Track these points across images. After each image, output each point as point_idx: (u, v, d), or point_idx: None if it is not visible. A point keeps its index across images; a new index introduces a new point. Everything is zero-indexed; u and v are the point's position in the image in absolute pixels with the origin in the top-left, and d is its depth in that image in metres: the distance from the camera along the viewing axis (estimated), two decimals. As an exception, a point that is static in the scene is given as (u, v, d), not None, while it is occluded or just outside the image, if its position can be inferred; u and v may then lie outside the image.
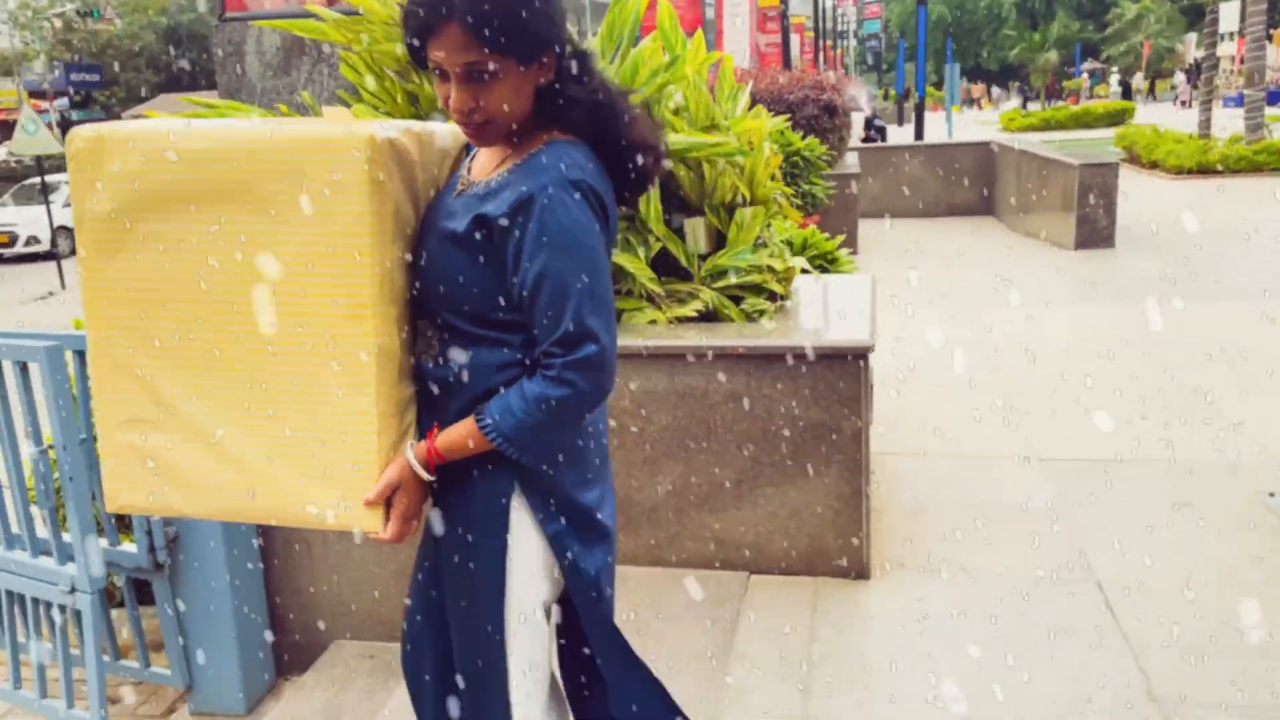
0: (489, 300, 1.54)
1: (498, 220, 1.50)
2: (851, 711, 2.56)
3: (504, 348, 1.56)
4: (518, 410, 1.50)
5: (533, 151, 1.56)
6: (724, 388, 3.18)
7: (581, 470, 1.66)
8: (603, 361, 1.51)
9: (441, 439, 1.56)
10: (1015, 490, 3.92)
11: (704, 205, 3.57)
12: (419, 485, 1.58)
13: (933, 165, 12.95)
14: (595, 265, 1.51)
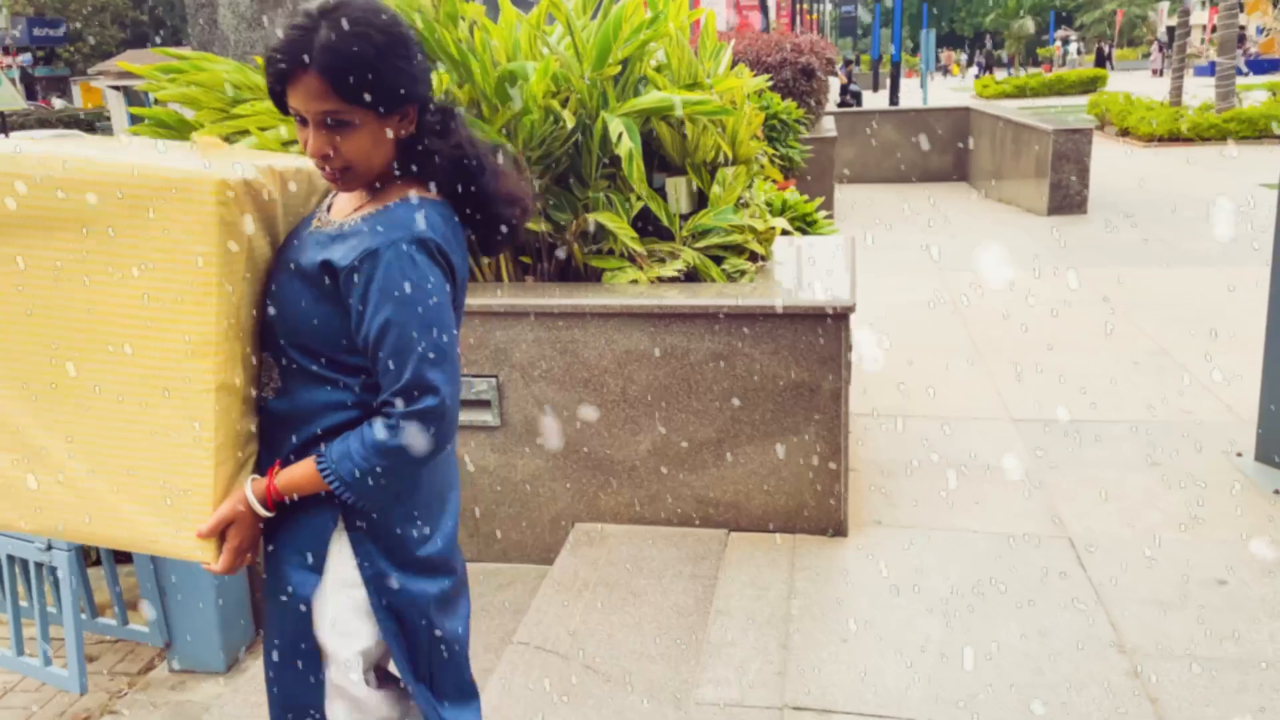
0: (331, 340, 1.56)
1: (343, 269, 1.52)
2: (829, 664, 2.61)
3: (344, 389, 1.58)
4: (356, 456, 1.52)
5: (389, 204, 1.58)
6: (705, 347, 3.19)
7: (410, 506, 1.67)
8: (443, 414, 1.52)
9: (281, 478, 1.58)
10: (990, 449, 3.98)
11: (686, 164, 3.56)
12: (254, 521, 1.60)
13: (908, 130, 12.96)
14: (438, 320, 1.52)
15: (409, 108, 1.57)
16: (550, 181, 3.41)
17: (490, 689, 2.54)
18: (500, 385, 3.32)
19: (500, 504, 3.44)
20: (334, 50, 1.46)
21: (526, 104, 3.15)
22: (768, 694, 2.49)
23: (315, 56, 1.46)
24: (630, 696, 2.51)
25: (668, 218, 3.47)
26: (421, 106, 1.59)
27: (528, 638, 2.76)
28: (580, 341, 3.25)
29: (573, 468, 3.36)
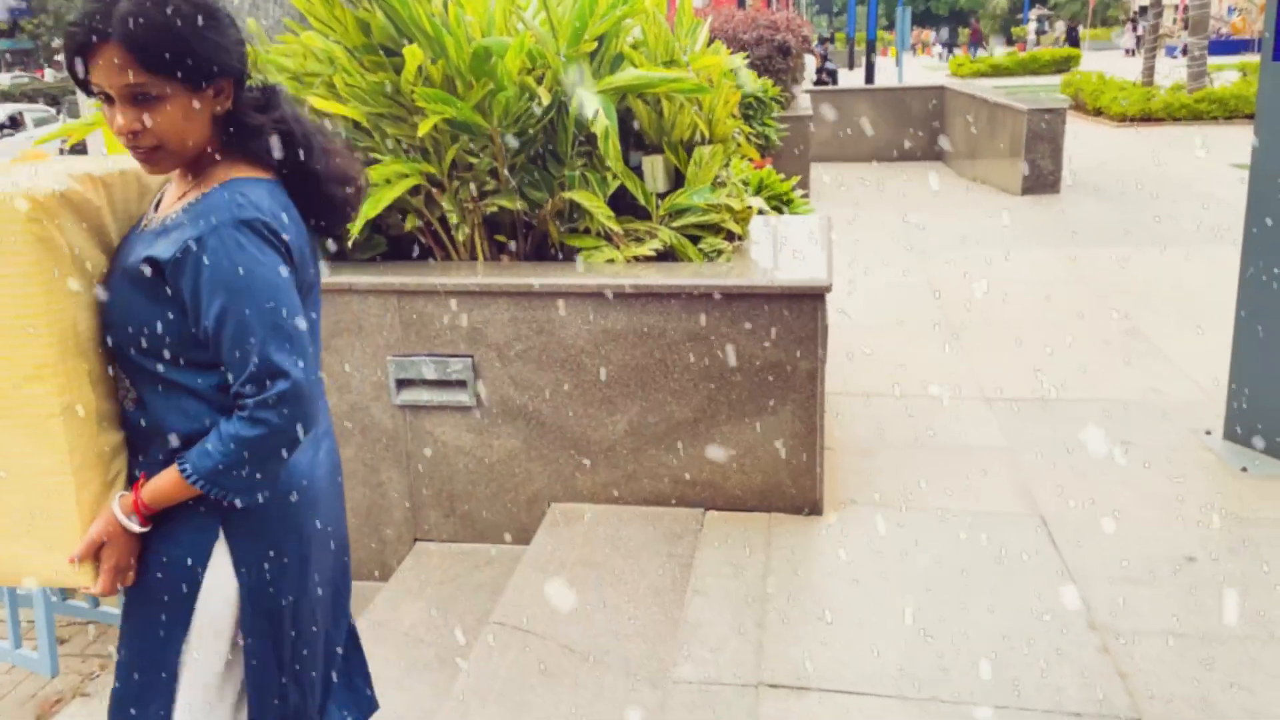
0: (173, 340, 1.52)
1: (167, 263, 1.47)
2: (804, 642, 2.63)
3: (195, 391, 1.55)
4: (216, 453, 1.49)
5: (209, 190, 1.53)
6: (681, 327, 3.18)
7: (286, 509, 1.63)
8: (298, 396, 1.49)
9: (147, 490, 1.55)
10: (963, 429, 4.01)
11: (662, 143, 3.53)
12: (128, 537, 1.56)
13: (884, 109, 12.97)
14: (278, 301, 1.48)
15: (223, 82, 1.52)
16: (526, 159, 3.38)
17: (467, 669, 2.54)
18: (476, 365, 3.30)
19: (476, 484, 3.43)
20: (135, 19, 1.40)
21: (501, 80, 3.11)
22: (744, 672, 2.51)
23: (116, 26, 1.40)
24: (607, 675, 2.52)
25: (644, 197, 3.45)
26: (238, 81, 1.55)
27: (504, 617, 2.76)
28: (557, 321, 3.23)
29: (549, 448, 3.36)
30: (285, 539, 1.63)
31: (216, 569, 1.59)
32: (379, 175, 3.18)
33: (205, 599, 1.59)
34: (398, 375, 3.33)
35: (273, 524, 1.61)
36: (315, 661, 1.76)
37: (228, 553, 1.59)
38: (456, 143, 3.25)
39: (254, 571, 1.60)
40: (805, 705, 2.38)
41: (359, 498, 3.50)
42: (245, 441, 1.48)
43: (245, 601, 1.61)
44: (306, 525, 1.66)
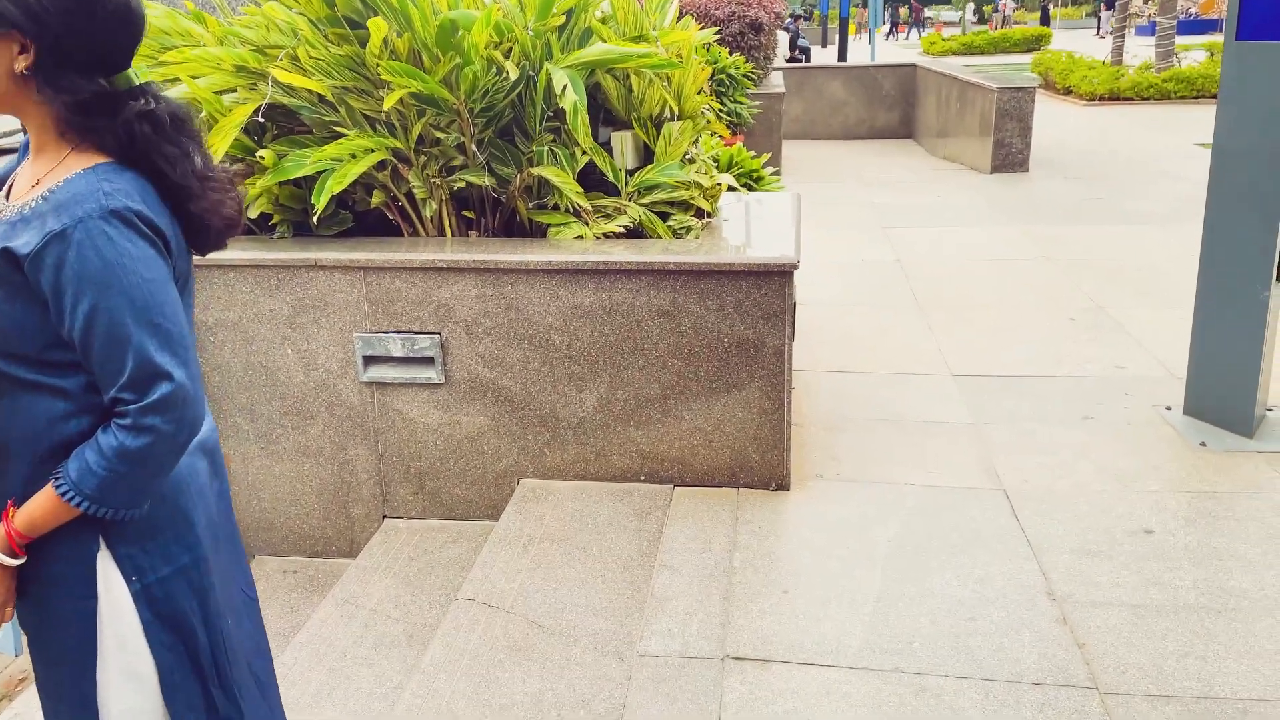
0: (33, 339, 1.37)
1: (26, 257, 1.32)
2: (770, 615, 2.66)
3: (62, 396, 1.41)
4: (98, 469, 1.36)
5: (69, 176, 1.37)
6: (650, 304, 3.19)
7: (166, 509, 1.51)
8: (183, 399, 1.37)
9: (20, 518, 1.41)
10: (929, 405, 4.05)
11: (631, 119, 3.52)
12: (2, 572, 1.43)
13: (856, 87, 12.97)
14: (156, 298, 1.36)
15: (11, 34, 1.32)
16: (494, 134, 3.35)
17: (434, 644, 2.55)
18: (444, 342, 3.29)
19: (445, 461, 3.42)
20: None
21: (468, 54, 3.09)
22: (709, 645, 2.53)
23: None
24: (574, 649, 2.53)
25: (613, 173, 3.44)
26: (45, 46, 1.34)
27: (472, 593, 2.77)
28: (525, 298, 3.22)
29: (518, 424, 3.36)
30: (173, 540, 1.50)
31: (106, 585, 1.46)
32: (343, 150, 3.15)
33: (104, 619, 1.47)
34: (364, 352, 3.31)
35: (157, 527, 1.49)
36: (239, 665, 1.66)
37: (114, 564, 1.46)
38: (423, 117, 3.22)
39: (146, 580, 1.48)
40: (770, 677, 2.41)
41: (326, 475, 3.49)
42: (130, 454, 1.35)
43: (144, 612, 1.48)
44: (195, 523, 1.54)
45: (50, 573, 1.46)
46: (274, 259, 3.26)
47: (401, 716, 2.28)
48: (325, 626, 2.89)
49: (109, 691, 1.50)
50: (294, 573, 3.50)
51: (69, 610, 1.47)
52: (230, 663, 1.62)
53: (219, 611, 1.60)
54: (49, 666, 1.54)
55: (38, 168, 1.43)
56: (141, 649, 1.50)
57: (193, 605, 1.54)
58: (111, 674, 1.50)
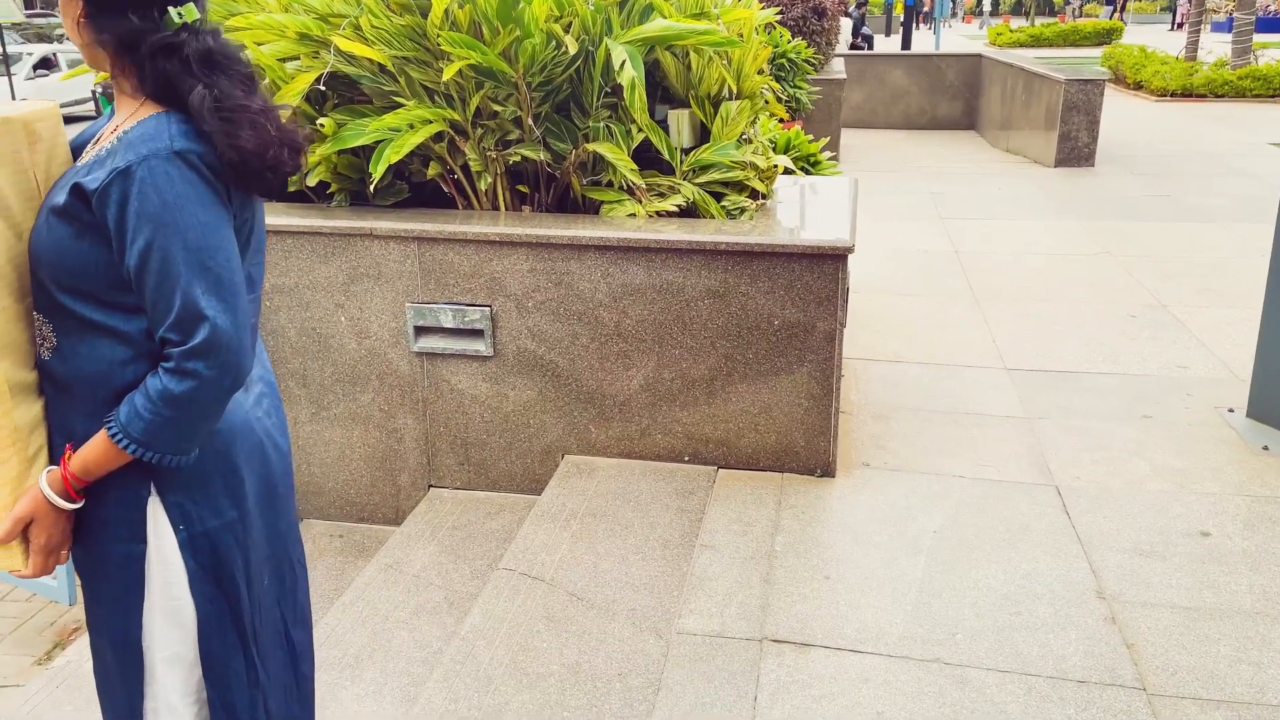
0: (99, 277, 1.40)
1: (94, 192, 1.36)
2: (810, 600, 2.63)
3: (124, 340, 1.43)
4: (145, 412, 1.38)
5: (141, 119, 1.41)
6: (701, 284, 3.17)
7: (219, 462, 1.53)
8: (225, 344, 1.38)
9: (75, 462, 1.44)
10: (982, 397, 3.98)
11: (689, 97, 3.49)
12: (57, 515, 1.46)
13: (919, 77, 12.76)
14: (210, 241, 1.37)
15: None
16: (550, 109, 3.35)
17: (474, 612, 2.57)
18: (494, 315, 3.30)
19: (491, 433, 3.44)
20: None
21: (528, 27, 3.08)
22: (748, 626, 2.52)
23: None
24: (612, 624, 2.54)
25: (669, 151, 3.42)
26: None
27: (513, 564, 2.79)
28: (576, 274, 3.22)
29: (564, 400, 3.36)
30: (222, 494, 1.53)
31: (155, 531, 1.49)
32: (401, 120, 3.17)
33: (152, 565, 1.50)
34: (416, 322, 3.34)
35: (207, 478, 1.51)
36: (267, 630, 1.67)
37: (164, 511, 1.49)
38: (481, 90, 3.23)
39: (194, 530, 1.51)
40: (808, 661, 2.39)
41: (375, 443, 3.53)
42: (173, 397, 1.37)
43: (189, 562, 1.51)
44: (245, 479, 1.56)
45: (103, 516, 1.49)
46: (330, 227, 3.29)
47: (440, 681, 2.31)
48: (369, 590, 2.93)
49: (153, 635, 1.53)
50: (340, 537, 3.55)
51: (119, 553, 1.50)
52: (261, 626, 1.64)
53: (260, 571, 1.62)
54: (98, 606, 1.57)
55: (118, 118, 1.48)
56: (185, 597, 1.53)
57: (237, 562, 1.56)
58: (156, 618, 1.53)
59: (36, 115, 1.52)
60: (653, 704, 2.25)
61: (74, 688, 2.94)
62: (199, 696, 1.58)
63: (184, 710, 1.56)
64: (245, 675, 1.60)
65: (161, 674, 1.54)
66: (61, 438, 1.50)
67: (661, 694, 2.28)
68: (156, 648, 1.54)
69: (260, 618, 1.63)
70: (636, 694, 2.28)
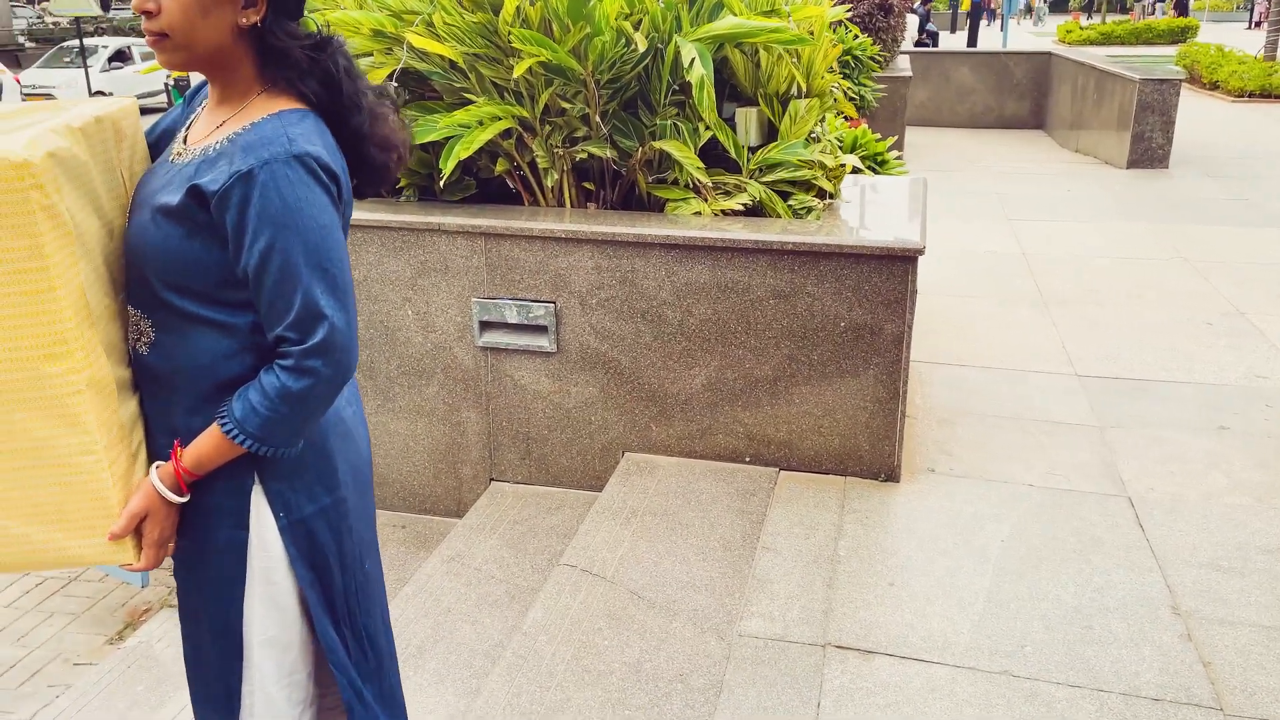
0: (208, 275, 1.43)
1: (214, 194, 1.38)
2: (874, 606, 2.60)
3: (230, 333, 1.46)
4: (262, 409, 1.41)
5: (256, 120, 1.44)
6: (766, 283, 3.14)
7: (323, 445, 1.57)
8: (342, 343, 1.42)
9: (188, 457, 1.46)
10: (1050, 403, 3.89)
11: (757, 95, 3.47)
12: (169, 509, 1.49)
13: (985, 74, 12.53)
14: (326, 243, 1.41)
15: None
16: (618, 106, 3.35)
17: (536, 607, 2.58)
18: (558, 311, 3.31)
19: (552, 429, 3.46)
20: None
21: (598, 25, 3.08)
22: (811, 631, 2.50)
23: None
24: (674, 623, 2.53)
25: (735, 149, 3.40)
26: (277, 4, 1.44)
27: (575, 560, 2.79)
28: (640, 271, 3.22)
29: (626, 398, 3.36)
30: (316, 480, 1.56)
31: (257, 518, 1.53)
32: (471, 116, 3.19)
33: (253, 552, 1.53)
34: (481, 317, 3.36)
35: (304, 465, 1.54)
36: (371, 613, 1.70)
37: (265, 499, 1.52)
38: (550, 87, 3.24)
39: (293, 516, 1.54)
40: (873, 668, 2.36)
41: (438, 435, 3.57)
42: (292, 395, 1.41)
43: (289, 547, 1.54)
44: (338, 466, 1.60)
45: (209, 504, 1.52)
46: (399, 221, 3.33)
47: (502, 674, 2.32)
48: (431, 581, 2.96)
49: (252, 620, 1.56)
50: (402, 528, 3.60)
51: (223, 540, 1.53)
52: (362, 609, 1.67)
53: (356, 555, 1.65)
54: (197, 593, 1.60)
55: (220, 113, 1.50)
56: (285, 582, 1.56)
57: (331, 546, 1.59)
58: (256, 603, 1.56)
59: (121, 112, 1.55)
60: (714, 706, 2.24)
61: (144, 668, 3.02)
62: (291, 680, 1.61)
63: (277, 694, 1.60)
64: (346, 656, 1.64)
65: (259, 659, 1.58)
66: (160, 432, 1.53)
67: (723, 696, 2.27)
68: (255, 632, 1.57)
69: (357, 601, 1.66)
70: (698, 695, 2.27)
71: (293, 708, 1.62)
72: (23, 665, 3.21)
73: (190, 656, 1.67)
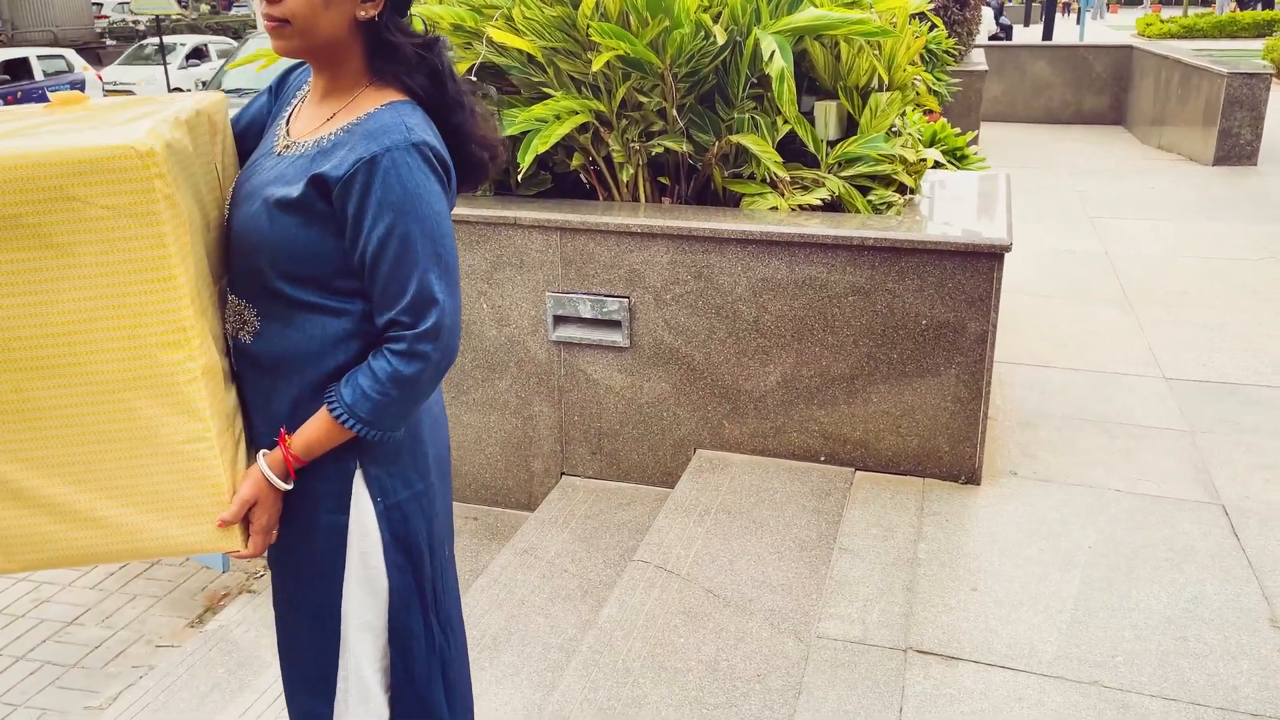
0: (323, 264, 1.45)
1: (337, 181, 1.40)
2: (956, 611, 2.54)
3: (340, 321, 1.47)
4: (373, 393, 1.43)
5: (371, 110, 1.46)
6: (845, 280, 3.09)
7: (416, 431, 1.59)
8: (450, 328, 1.45)
9: (297, 443, 1.48)
10: (1137, 407, 3.76)
11: (837, 88, 3.41)
12: (276, 495, 1.50)
13: (1063, 68, 12.21)
14: (440, 230, 1.44)
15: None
16: (695, 100, 3.32)
17: (611, 603, 2.57)
18: (631, 306, 3.30)
19: (624, 424, 3.44)
20: None
21: (677, 17, 3.06)
22: (891, 634, 2.44)
23: None
24: (750, 623, 2.50)
25: (814, 143, 3.35)
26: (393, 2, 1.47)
27: (648, 556, 2.78)
28: (716, 267, 3.19)
29: (699, 394, 3.33)
30: (412, 465, 1.58)
31: (357, 503, 1.54)
32: (549, 111, 3.19)
33: (352, 536, 1.55)
34: (555, 311, 3.36)
35: (399, 451, 1.56)
36: (453, 598, 1.73)
37: (364, 484, 1.54)
38: (628, 80, 3.22)
39: (389, 501, 1.56)
40: (956, 675, 2.30)
41: (511, 429, 3.58)
42: (402, 379, 1.42)
43: (385, 533, 1.55)
44: (428, 452, 1.61)
45: (312, 489, 1.53)
46: (476, 215, 3.35)
47: (578, 669, 2.31)
48: (505, 573, 2.97)
49: (350, 605, 1.58)
50: (474, 519, 3.62)
51: (325, 524, 1.55)
52: (445, 594, 1.68)
53: (441, 541, 1.67)
54: (296, 578, 1.62)
55: (328, 105, 1.52)
56: (380, 567, 1.57)
57: (421, 531, 1.60)
58: (354, 588, 1.57)
59: (213, 106, 1.57)
60: (794, 708, 2.20)
61: (225, 651, 3.08)
62: (383, 665, 1.63)
63: (371, 678, 1.61)
64: (426, 643, 1.65)
65: (355, 643, 1.59)
66: (261, 420, 1.55)
67: (802, 698, 2.23)
68: (352, 617, 1.58)
69: (441, 586, 1.68)
70: (776, 696, 2.23)
71: (384, 692, 1.63)
72: (107, 646, 3.29)
73: (285, 642, 1.69)
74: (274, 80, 1.72)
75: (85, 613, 3.48)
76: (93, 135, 1.31)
